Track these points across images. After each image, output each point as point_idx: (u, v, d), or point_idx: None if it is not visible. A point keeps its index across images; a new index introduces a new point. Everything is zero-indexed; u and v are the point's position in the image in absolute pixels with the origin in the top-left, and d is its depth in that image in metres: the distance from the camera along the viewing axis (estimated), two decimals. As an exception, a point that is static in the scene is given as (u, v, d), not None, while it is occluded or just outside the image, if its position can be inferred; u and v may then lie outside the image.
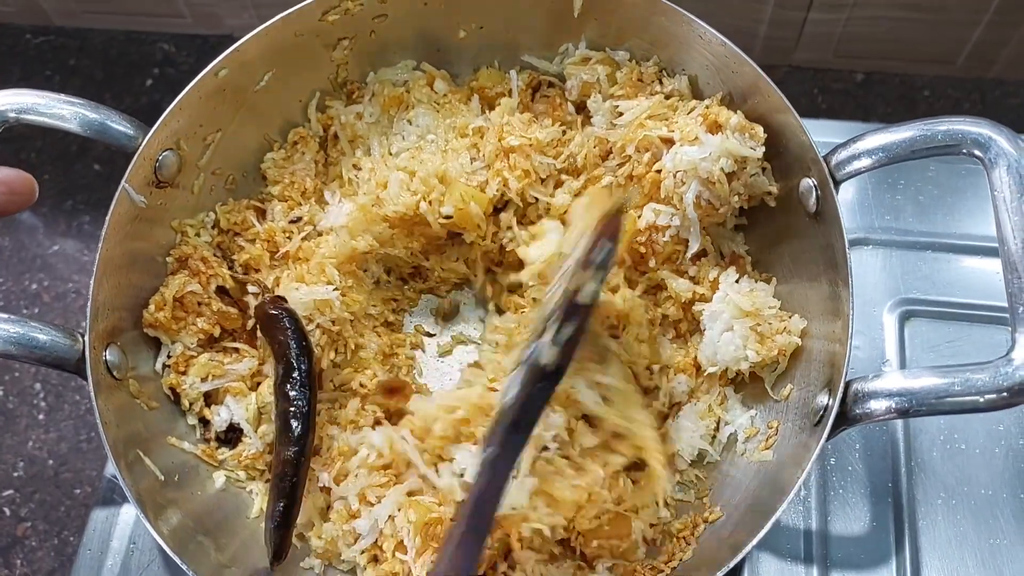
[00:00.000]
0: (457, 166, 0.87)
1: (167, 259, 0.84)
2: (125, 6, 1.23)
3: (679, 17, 0.82)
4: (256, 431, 0.82)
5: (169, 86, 0.83)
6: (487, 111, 0.92)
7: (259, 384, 0.84)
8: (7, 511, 1.01)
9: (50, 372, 1.08)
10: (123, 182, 0.76)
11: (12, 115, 0.74)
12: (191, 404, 0.83)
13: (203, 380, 0.82)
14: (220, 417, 0.82)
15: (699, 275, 0.86)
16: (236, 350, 0.84)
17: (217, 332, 0.84)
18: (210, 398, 0.84)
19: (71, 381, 1.07)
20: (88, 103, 0.76)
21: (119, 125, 0.77)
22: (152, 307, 0.81)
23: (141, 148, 0.77)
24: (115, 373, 0.76)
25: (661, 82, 0.88)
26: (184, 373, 0.82)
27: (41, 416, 1.06)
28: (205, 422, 0.84)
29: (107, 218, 0.75)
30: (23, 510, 1.01)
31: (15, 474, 1.03)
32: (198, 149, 0.84)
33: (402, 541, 0.75)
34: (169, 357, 0.83)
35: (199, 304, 0.83)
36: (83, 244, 1.16)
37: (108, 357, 0.76)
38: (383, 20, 0.89)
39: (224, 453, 0.83)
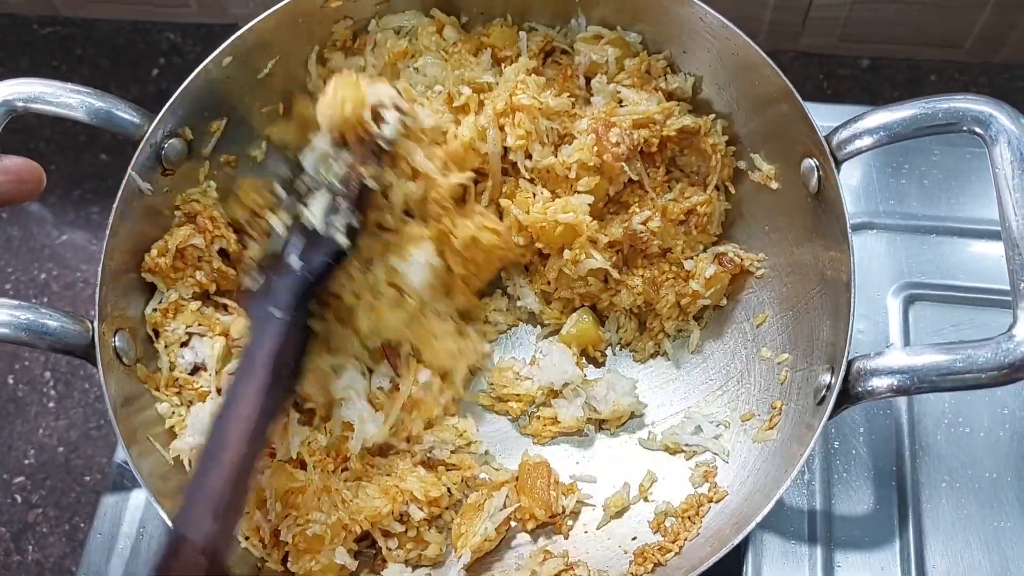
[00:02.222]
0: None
1: (175, 212, 0.84)
2: (131, -4, 1.24)
3: (680, -1, 0.82)
4: (218, 372, 0.83)
5: (175, 75, 0.84)
6: (499, 66, 0.90)
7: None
8: (18, 498, 1.02)
9: (59, 360, 1.09)
10: (129, 169, 0.77)
11: (20, 104, 0.75)
12: (167, 346, 0.83)
13: (188, 326, 0.83)
14: (184, 359, 0.83)
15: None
16: (225, 307, 0.85)
17: (213, 288, 0.85)
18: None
19: (80, 369, 1.08)
20: (94, 91, 0.77)
21: (125, 113, 0.77)
22: (154, 251, 0.81)
23: (147, 136, 0.78)
24: (124, 359, 0.77)
25: (667, 78, 0.88)
26: (173, 318, 0.83)
27: (51, 404, 1.07)
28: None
29: (114, 205, 0.76)
30: (34, 497, 1.02)
31: (26, 461, 1.04)
32: (204, 136, 0.85)
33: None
34: (160, 303, 0.83)
35: (199, 259, 0.84)
36: (91, 234, 1.16)
37: (117, 343, 0.76)
38: (386, 5, 0.89)
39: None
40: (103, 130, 0.77)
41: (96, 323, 0.74)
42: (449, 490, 0.82)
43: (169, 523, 0.69)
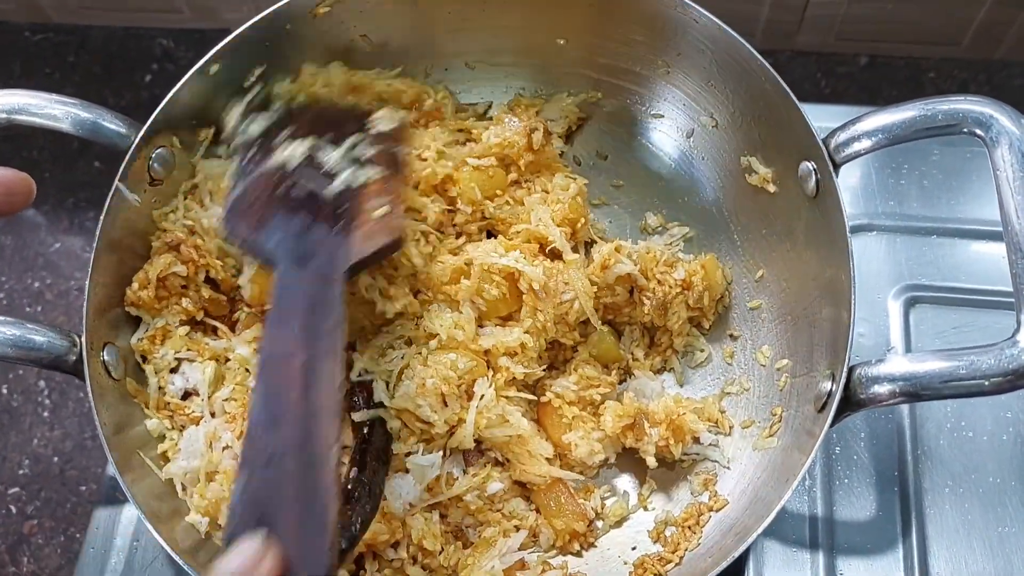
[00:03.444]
0: None
1: (153, 241, 0.82)
2: (123, 2, 1.23)
3: (672, 1, 0.81)
4: (210, 397, 0.81)
5: (168, 81, 0.83)
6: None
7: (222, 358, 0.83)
8: (13, 509, 1.01)
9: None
10: (116, 181, 0.76)
11: (4, 116, 0.74)
12: (157, 372, 0.81)
13: (176, 351, 0.81)
14: (175, 386, 0.81)
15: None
16: (215, 329, 0.84)
17: (200, 316, 0.83)
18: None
19: (75, 379, 1.08)
20: (81, 102, 0.76)
21: (111, 124, 0.76)
22: (136, 284, 0.79)
23: (133, 146, 0.77)
24: (113, 373, 0.76)
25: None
26: (161, 344, 0.81)
27: (46, 414, 1.06)
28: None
29: (101, 217, 0.75)
30: (29, 508, 1.01)
31: (21, 472, 1.03)
32: (192, 146, 0.84)
33: None
34: (147, 331, 0.82)
35: (183, 286, 0.82)
36: (85, 241, 1.16)
37: (105, 357, 0.75)
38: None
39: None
40: (95, 138, 0.77)
41: (83, 339, 0.73)
42: (442, 548, 0.79)
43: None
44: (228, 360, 0.83)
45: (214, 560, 0.54)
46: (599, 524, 0.82)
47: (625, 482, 0.85)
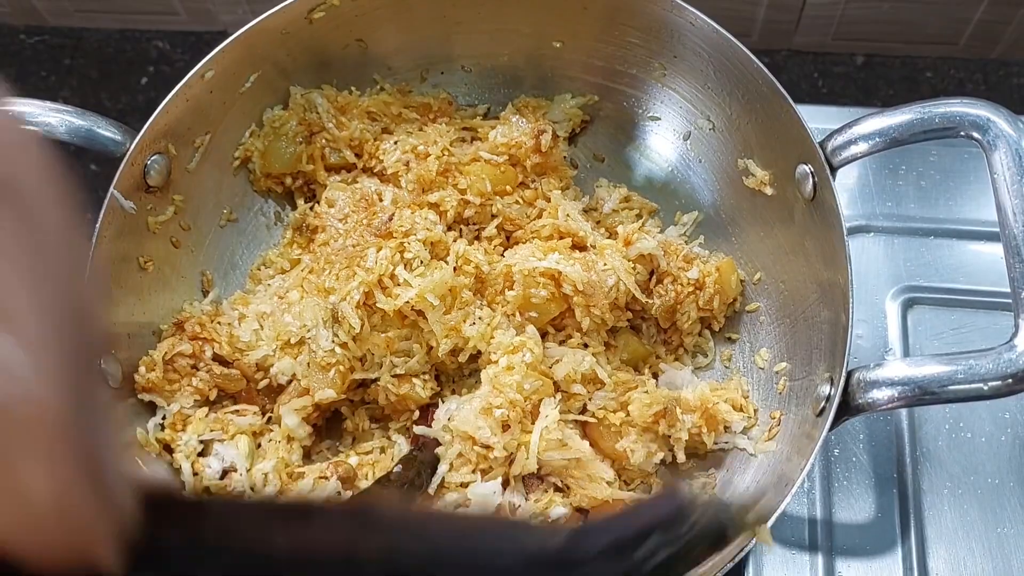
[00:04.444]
0: None
1: (162, 327, 0.82)
2: (119, 5, 1.22)
3: (667, 4, 0.81)
4: (249, 470, 0.79)
5: (165, 84, 0.83)
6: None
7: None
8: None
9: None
10: (111, 188, 0.76)
11: (0, 125, 0.74)
12: (187, 459, 0.79)
13: (200, 435, 0.79)
14: (212, 468, 0.78)
15: None
16: (236, 411, 0.81)
17: (214, 396, 0.81)
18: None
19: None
20: (75, 110, 0.76)
21: (106, 131, 0.76)
22: (143, 368, 0.78)
23: (128, 154, 0.76)
24: (110, 382, 0.76)
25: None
26: (183, 430, 0.79)
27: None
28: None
29: (96, 226, 0.75)
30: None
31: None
32: (188, 152, 0.83)
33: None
34: (164, 419, 0.80)
35: (192, 367, 0.80)
36: (82, 246, 1.15)
37: (102, 366, 0.75)
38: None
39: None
40: (90, 143, 0.76)
41: None
42: None
43: None
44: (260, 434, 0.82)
45: None
46: None
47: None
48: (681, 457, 0.80)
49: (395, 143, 0.88)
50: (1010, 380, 0.63)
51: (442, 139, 0.88)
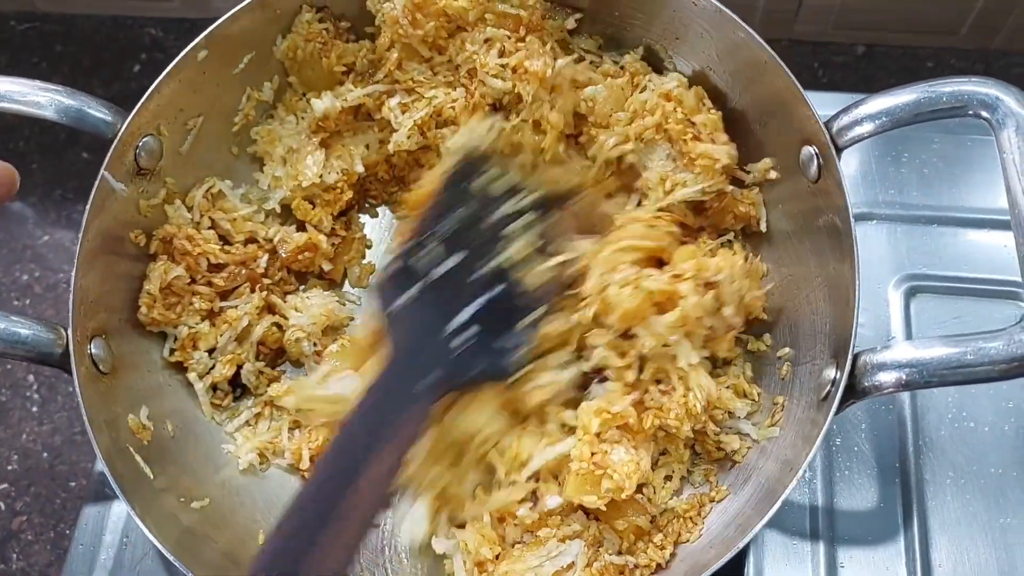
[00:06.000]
0: None
1: (151, 243, 0.82)
2: (111, -10, 1.21)
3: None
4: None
5: (157, 71, 0.82)
6: None
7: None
8: (2, 505, 1.00)
9: (42, 364, 1.07)
10: (102, 170, 0.74)
11: (-15, 103, 0.73)
12: (201, 378, 0.82)
13: (209, 348, 0.82)
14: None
15: None
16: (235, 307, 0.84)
17: (217, 307, 0.83)
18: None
19: (64, 372, 1.06)
20: (65, 89, 0.74)
21: (96, 112, 0.74)
22: (143, 308, 0.79)
23: (120, 135, 0.75)
24: (101, 366, 0.75)
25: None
26: (193, 348, 0.82)
27: (35, 408, 1.05)
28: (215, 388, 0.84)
29: (87, 207, 0.74)
30: (18, 504, 1.00)
31: (9, 467, 1.02)
32: (180, 134, 0.82)
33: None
34: (176, 341, 0.82)
35: (190, 282, 0.81)
36: (74, 233, 1.14)
37: (93, 350, 0.74)
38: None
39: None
40: (83, 128, 0.75)
41: (70, 331, 0.72)
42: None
43: None
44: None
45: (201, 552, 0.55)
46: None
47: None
48: None
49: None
50: (1019, 362, 0.61)
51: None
